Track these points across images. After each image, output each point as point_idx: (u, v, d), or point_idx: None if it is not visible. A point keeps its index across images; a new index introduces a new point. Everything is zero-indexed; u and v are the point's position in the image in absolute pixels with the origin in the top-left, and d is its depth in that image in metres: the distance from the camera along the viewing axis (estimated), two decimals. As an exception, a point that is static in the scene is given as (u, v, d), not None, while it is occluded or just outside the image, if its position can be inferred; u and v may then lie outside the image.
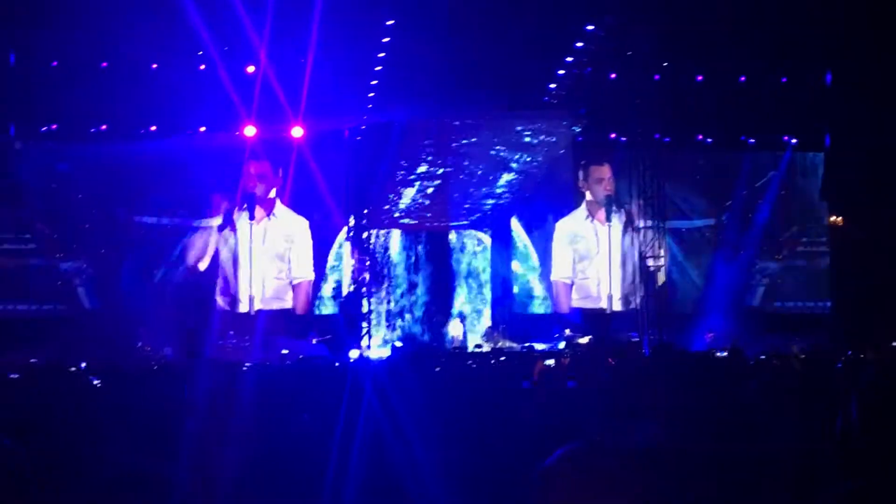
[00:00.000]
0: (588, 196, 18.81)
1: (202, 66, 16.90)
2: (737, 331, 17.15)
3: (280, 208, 17.80)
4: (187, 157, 17.17)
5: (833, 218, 19.12)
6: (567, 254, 18.85)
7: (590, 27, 17.29)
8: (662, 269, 17.98)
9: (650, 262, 17.67)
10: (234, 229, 17.58)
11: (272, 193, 17.68)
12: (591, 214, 18.77)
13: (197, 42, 16.16)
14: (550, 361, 11.47)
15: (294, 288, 17.85)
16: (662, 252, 17.95)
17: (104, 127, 17.20)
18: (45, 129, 17.17)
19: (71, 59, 16.64)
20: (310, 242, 17.89)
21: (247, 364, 12.35)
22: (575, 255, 18.86)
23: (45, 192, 17.27)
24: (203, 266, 17.58)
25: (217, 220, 17.69)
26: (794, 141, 19.41)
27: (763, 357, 13.12)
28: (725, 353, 10.39)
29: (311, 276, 17.88)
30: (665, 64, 18.22)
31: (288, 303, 17.86)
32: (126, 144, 17.03)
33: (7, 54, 16.43)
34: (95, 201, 17.48)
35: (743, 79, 18.52)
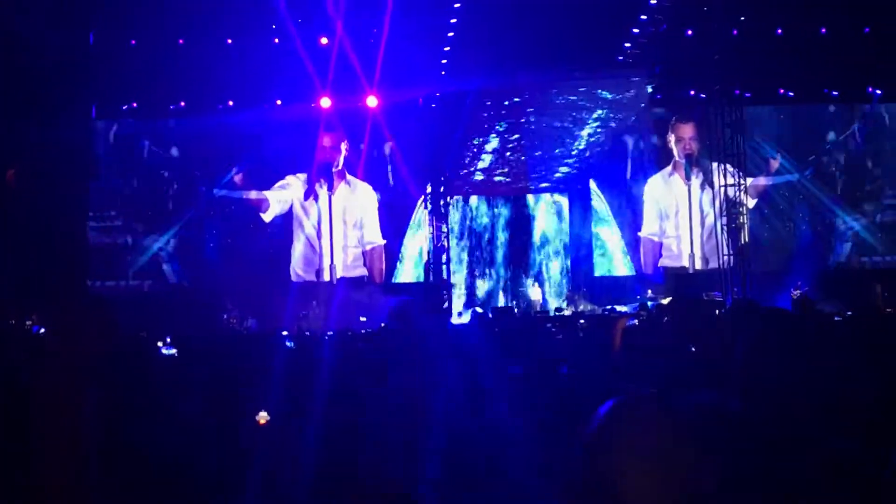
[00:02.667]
0: (675, 154, 18.62)
1: (276, 40, 17.03)
2: (823, 287, 16.85)
3: (349, 178, 17.93)
4: (265, 130, 17.38)
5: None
6: (654, 211, 18.74)
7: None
8: (745, 226, 17.69)
9: (732, 220, 17.42)
10: (316, 199, 17.78)
11: (340, 164, 17.78)
12: (676, 172, 18.58)
13: (271, 15, 16.32)
14: (634, 321, 11.39)
15: (366, 255, 18.02)
16: (745, 210, 17.66)
17: (183, 104, 17.46)
18: (125, 107, 17.50)
19: (149, 37, 16.89)
20: (376, 207, 18.01)
21: (329, 332, 12.53)
22: (660, 212, 18.73)
23: (128, 170, 17.61)
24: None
25: (298, 193, 17.88)
26: (878, 92, 18.92)
27: (849, 314, 12.91)
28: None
29: (382, 241, 18.04)
30: (742, 18, 17.87)
31: (365, 271, 18.07)
32: (205, 120, 17.28)
33: (87, 35, 16.73)
34: (178, 177, 17.78)
35: (824, 30, 18.09)
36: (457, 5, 16.84)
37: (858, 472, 2.56)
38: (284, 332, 12.38)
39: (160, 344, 9.38)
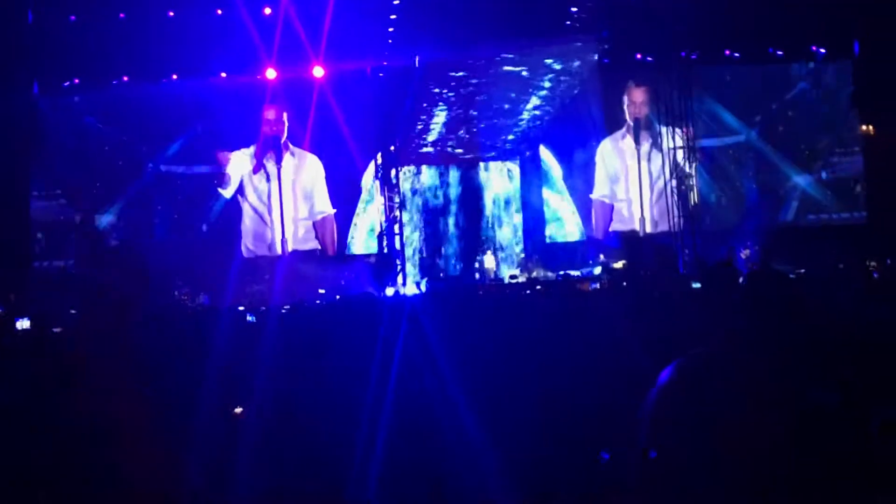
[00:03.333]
0: (627, 118, 18.64)
1: (219, 11, 16.78)
2: (772, 247, 17.02)
3: (294, 149, 17.75)
4: (211, 103, 17.16)
5: (865, 127, 18.85)
6: (604, 173, 18.72)
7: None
8: (694, 188, 17.81)
9: (681, 183, 17.52)
10: (266, 172, 17.61)
11: (285, 136, 17.61)
12: (627, 135, 18.60)
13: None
14: (597, 285, 11.47)
15: (317, 225, 17.88)
16: (693, 172, 17.78)
17: (126, 78, 17.18)
18: (67, 83, 17.19)
19: (88, 12, 16.59)
20: (324, 177, 17.86)
21: (286, 307, 12.44)
22: (610, 175, 18.72)
23: (73, 147, 17.31)
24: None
25: (246, 168, 17.69)
26: (822, 51, 19.07)
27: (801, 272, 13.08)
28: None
29: (332, 210, 17.89)
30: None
31: (318, 244, 17.94)
32: (149, 94, 17.02)
33: (25, 12, 16.38)
34: (123, 153, 17.51)
35: (768, -9, 18.19)
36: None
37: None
38: (241, 308, 12.28)
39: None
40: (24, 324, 12.09)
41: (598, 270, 17.23)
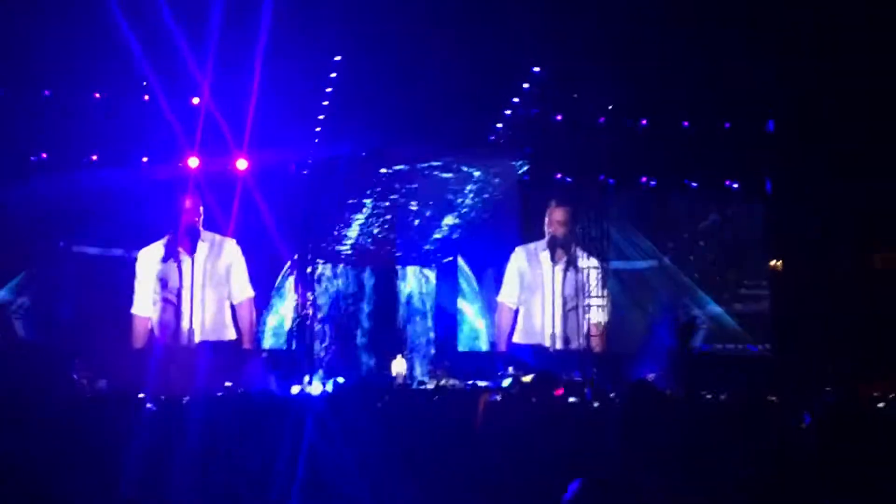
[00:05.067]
0: (545, 233, 18.87)
1: (146, 97, 16.77)
2: (678, 372, 17.22)
3: (207, 234, 17.45)
4: (129, 188, 16.98)
5: (773, 262, 19.39)
6: (515, 279, 18.75)
7: (536, 69, 17.50)
8: (604, 309, 18.01)
9: (592, 303, 17.70)
10: (177, 261, 17.33)
11: (200, 224, 17.43)
12: (546, 249, 18.80)
13: (141, 72, 16.07)
14: (497, 396, 11.45)
15: (236, 309, 17.49)
16: (605, 293, 17.99)
17: (44, 156, 16.94)
18: (-22, 156, 16.87)
19: (13, 88, 16.45)
20: (243, 260, 17.50)
21: (186, 398, 12.18)
22: (522, 283, 18.78)
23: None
24: (146, 306, 17.25)
25: (158, 252, 17.44)
26: (735, 186, 19.67)
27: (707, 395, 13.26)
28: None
29: (251, 293, 17.48)
30: (610, 107, 18.45)
31: (230, 333, 17.57)
32: (67, 174, 16.81)
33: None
34: (35, 232, 17.12)
35: (686, 124, 18.81)
36: (332, 74, 16.93)
37: None
38: (140, 395, 11.99)
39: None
40: None
41: (506, 382, 17.21)
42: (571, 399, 14.02)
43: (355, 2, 15.71)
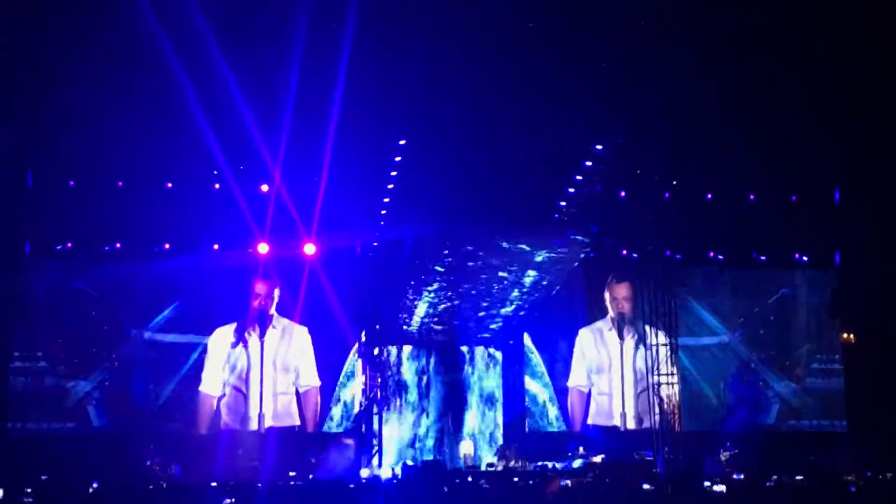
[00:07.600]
0: (610, 311, 18.82)
1: (217, 185, 17.11)
2: (752, 449, 16.95)
3: (280, 320, 17.78)
4: (200, 274, 17.24)
5: (845, 335, 19.05)
6: (583, 363, 18.67)
7: (598, 147, 17.54)
8: (675, 387, 17.80)
9: (663, 380, 17.51)
10: (246, 346, 17.57)
11: (272, 310, 17.71)
12: (612, 328, 18.74)
13: (212, 161, 16.41)
14: (567, 482, 11.36)
15: (301, 396, 17.68)
16: (675, 370, 17.79)
17: (119, 245, 17.26)
18: (59, 247, 17.21)
19: (87, 178, 16.86)
20: (312, 349, 17.78)
21: (259, 484, 12.25)
22: (591, 366, 18.70)
23: (59, 311, 17.24)
24: (215, 386, 17.50)
25: (229, 338, 17.68)
26: (804, 258, 19.44)
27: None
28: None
29: (318, 381, 17.75)
30: (674, 182, 18.41)
31: (295, 419, 17.72)
32: (140, 262, 17.12)
33: (25, 174, 16.65)
34: (108, 319, 17.39)
35: (752, 197, 18.68)
36: (397, 159, 17.14)
37: None
38: (213, 483, 12.09)
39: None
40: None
41: (577, 463, 17.04)
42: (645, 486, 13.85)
43: (420, 87, 15.92)
